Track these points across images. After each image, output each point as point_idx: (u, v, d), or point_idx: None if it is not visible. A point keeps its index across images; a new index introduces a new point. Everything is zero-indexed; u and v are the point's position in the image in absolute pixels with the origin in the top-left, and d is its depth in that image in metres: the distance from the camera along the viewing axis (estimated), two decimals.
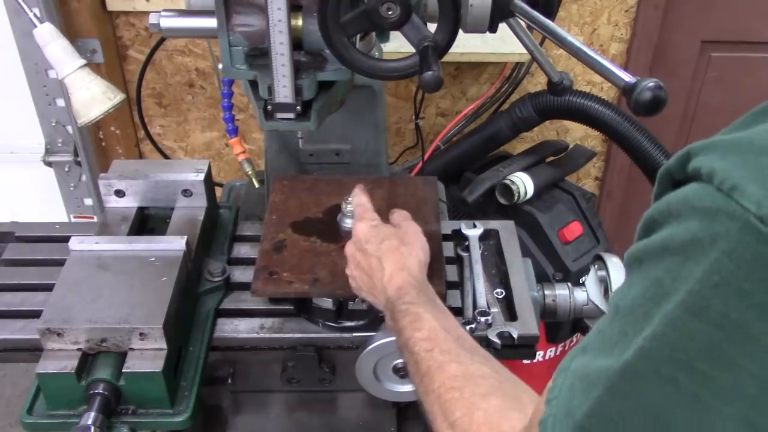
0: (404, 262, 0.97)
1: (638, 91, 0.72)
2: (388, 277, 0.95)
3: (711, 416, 0.50)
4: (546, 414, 0.59)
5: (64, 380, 0.93)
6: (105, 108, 1.12)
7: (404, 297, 0.92)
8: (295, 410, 1.20)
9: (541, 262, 1.91)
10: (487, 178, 1.98)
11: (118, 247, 1.06)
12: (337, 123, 1.23)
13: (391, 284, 0.94)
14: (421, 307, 0.89)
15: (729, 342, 0.48)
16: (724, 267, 0.47)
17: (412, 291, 0.93)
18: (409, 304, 0.90)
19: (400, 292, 0.93)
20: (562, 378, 0.60)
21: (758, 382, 0.48)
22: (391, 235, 1.01)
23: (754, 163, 0.48)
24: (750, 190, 0.46)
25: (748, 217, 0.46)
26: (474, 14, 0.90)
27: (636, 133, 1.95)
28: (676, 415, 0.51)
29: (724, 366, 0.48)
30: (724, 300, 0.48)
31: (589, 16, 2.22)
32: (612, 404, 0.54)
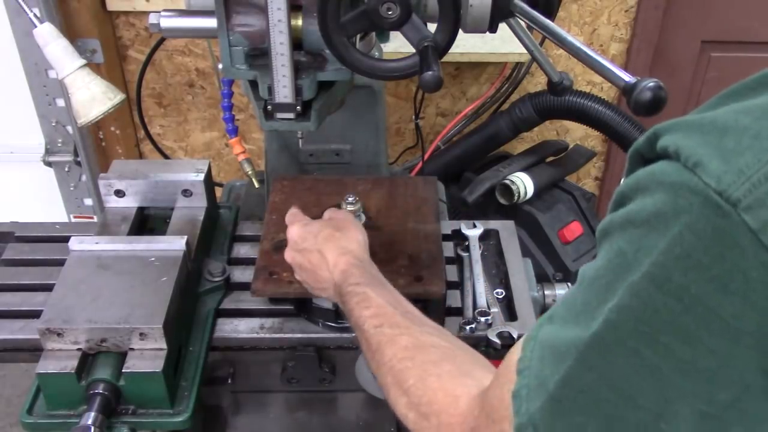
0: (344, 245, 0.97)
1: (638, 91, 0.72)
2: (332, 264, 0.95)
3: (672, 390, 0.51)
4: (519, 384, 0.59)
5: (64, 380, 0.93)
6: (105, 108, 1.12)
7: (349, 279, 0.92)
8: (295, 410, 1.20)
9: (541, 262, 1.91)
10: (487, 178, 1.98)
11: (118, 247, 1.06)
12: (337, 123, 1.23)
13: (337, 269, 0.95)
14: (367, 287, 0.90)
15: (688, 315, 0.49)
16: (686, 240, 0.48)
17: (356, 271, 0.93)
18: (354, 285, 0.91)
19: (345, 275, 0.93)
20: (531, 347, 0.60)
21: (716, 357, 0.49)
22: (325, 229, 1.01)
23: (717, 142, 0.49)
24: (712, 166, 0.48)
25: (709, 192, 0.47)
26: (474, 14, 0.90)
27: (636, 133, 1.95)
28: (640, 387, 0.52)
29: (684, 339, 0.49)
30: (684, 272, 0.49)
31: (589, 16, 2.22)
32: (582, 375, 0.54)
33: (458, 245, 1.24)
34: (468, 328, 1.07)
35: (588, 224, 1.99)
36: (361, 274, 0.93)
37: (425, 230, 1.16)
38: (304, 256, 0.99)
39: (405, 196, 1.24)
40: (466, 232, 1.24)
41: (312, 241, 0.99)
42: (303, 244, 1.00)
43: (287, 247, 1.03)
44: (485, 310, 1.09)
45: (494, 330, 1.06)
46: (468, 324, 1.07)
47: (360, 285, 0.91)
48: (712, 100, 0.58)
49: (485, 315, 1.08)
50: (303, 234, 1.01)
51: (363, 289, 0.90)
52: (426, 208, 1.21)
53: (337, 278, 0.94)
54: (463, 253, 1.22)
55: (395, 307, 0.86)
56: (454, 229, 1.25)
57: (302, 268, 1.01)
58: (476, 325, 1.07)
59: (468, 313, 1.10)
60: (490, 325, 1.07)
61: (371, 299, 0.88)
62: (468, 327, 1.07)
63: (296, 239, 1.01)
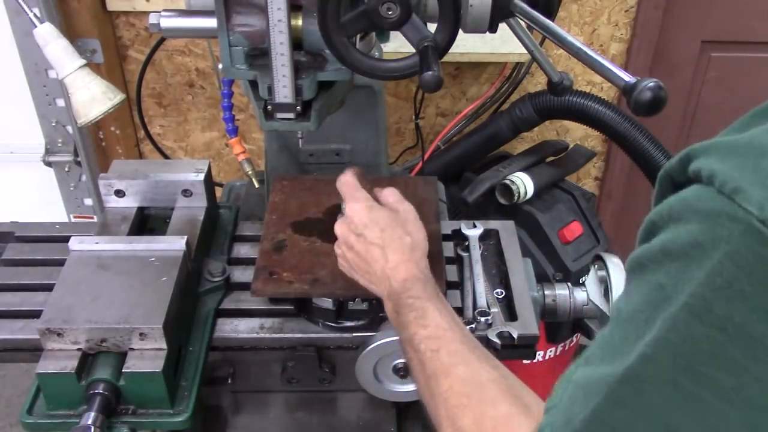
0: (410, 253, 0.94)
1: (638, 91, 0.72)
2: (392, 268, 0.92)
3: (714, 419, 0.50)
4: (544, 422, 0.58)
5: (64, 380, 0.93)
6: (105, 108, 1.12)
7: (410, 290, 0.89)
8: (295, 410, 1.20)
9: (541, 262, 1.91)
10: (487, 178, 1.98)
11: (118, 247, 1.06)
12: (337, 123, 1.23)
13: (397, 275, 0.91)
14: (427, 302, 0.87)
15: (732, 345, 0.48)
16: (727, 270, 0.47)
17: (417, 284, 0.90)
18: (415, 299, 0.88)
19: (406, 285, 0.90)
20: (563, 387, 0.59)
21: (761, 384, 0.48)
22: (392, 223, 0.96)
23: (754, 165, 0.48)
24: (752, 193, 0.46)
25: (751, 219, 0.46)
26: (474, 14, 0.90)
27: (636, 133, 1.95)
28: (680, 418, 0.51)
29: (727, 369, 0.49)
30: (727, 303, 0.48)
31: (589, 16, 2.22)
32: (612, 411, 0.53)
33: (458, 245, 1.24)
34: (468, 328, 1.06)
35: (588, 224, 1.99)
36: (422, 287, 0.90)
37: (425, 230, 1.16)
38: (361, 243, 0.96)
39: (405, 196, 1.23)
40: (466, 232, 1.24)
41: (376, 233, 0.95)
42: (363, 230, 0.95)
43: (341, 221, 0.99)
44: (485, 310, 1.09)
45: (494, 330, 1.06)
46: (468, 324, 1.07)
47: (421, 299, 0.87)
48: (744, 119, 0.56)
49: (485, 315, 1.08)
50: (365, 219, 0.96)
51: (423, 305, 0.86)
52: (426, 208, 1.21)
53: (395, 284, 0.91)
54: (463, 253, 1.22)
55: (453, 330, 0.83)
56: (454, 229, 1.25)
57: (352, 250, 0.97)
58: (476, 325, 1.07)
59: (468, 313, 1.10)
60: (490, 325, 1.07)
61: (430, 318, 0.85)
62: (468, 327, 1.06)
63: (356, 221, 0.96)
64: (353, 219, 0.97)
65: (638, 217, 0.58)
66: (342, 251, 0.99)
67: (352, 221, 0.97)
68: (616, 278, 1.10)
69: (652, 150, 1.94)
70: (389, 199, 1.02)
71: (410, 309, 0.87)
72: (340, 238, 0.99)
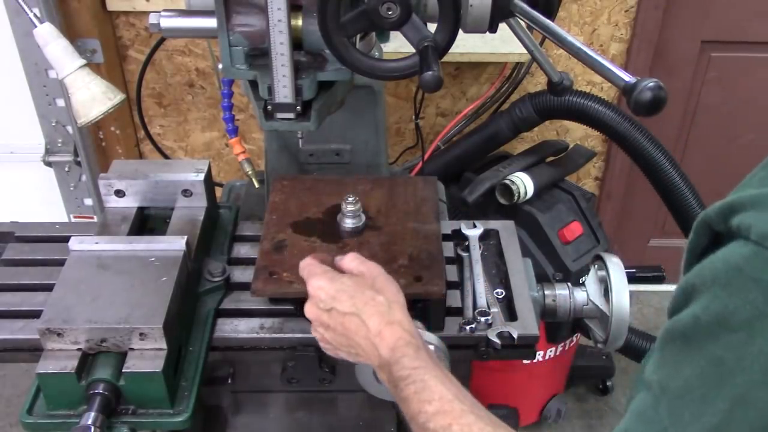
0: (389, 314, 0.87)
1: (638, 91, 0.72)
2: (375, 335, 0.85)
3: None
4: None
5: (64, 380, 0.93)
6: (105, 108, 1.12)
7: (402, 360, 0.82)
8: (295, 410, 1.20)
9: (541, 262, 1.91)
10: (487, 178, 1.98)
11: (118, 247, 1.06)
12: (337, 123, 1.23)
13: (384, 343, 0.84)
14: (425, 373, 0.79)
15: None
16: None
17: (409, 350, 0.83)
18: (410, 370, 0.81)
19: (396, 354, 0.83)
20: None
21: None
22: (360, 286, 0.90)
23: None
24: None
25: None
26: (474, 14, 0.90)
27: (636, 133, 1.95)
28: None
29: None
30: None
31: (589, 16, 2.22)
32: None
33: (458, 245, 1.24)
34: (468, 328, 1.07)
35: (588, 224, 1.99)
36: (415, 352, 0.83)
37: (425, 230, 1.16)
38: (334, 318, 0.89)
39: (405, 196, 1.24)
40: (466, 232, 1.24)
41: (347, 303, 0.88)
42: (333, 303, 0.89)
43: (309, 302, 0.93)
44: (485, 310, 1.09)
45: (494, 330, 1.06)
46: (468, 324, 1.07)
47: (417, 370, 0.80)
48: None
49: (485, 315, 1.08)
50: (332, 292, 0.89)
51: (421, 376, 0.79)
52: (426, 208, 1.21)
53: (384, 353, 0.84)
54: (463, 253, 1.22)
55: (461, 400, 0.77)
56: (454, 229, 1.25)
57: (329, 329, 0.91)
58: (476, 325, 1.07)
59: (468, 313, 1.10)
60: (490, 325, 1.07)
61: (433, 390, 0.78)
62: (468, 327, 1.07)
63: (324, 297, 0.90)
64: (319, 296, 0.91)
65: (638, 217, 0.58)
66: (320, 333, 0.93)
67: (319, 298, 0.91)
68: (615, 278, 1.10)
69: (652, 150, 1.94)
70: (351, 265, 0.95)
71: (407, 382, 0.80)
72: (314, 321, 0.93)
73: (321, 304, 0.91)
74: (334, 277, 0.92)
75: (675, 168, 1.96)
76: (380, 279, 0.92)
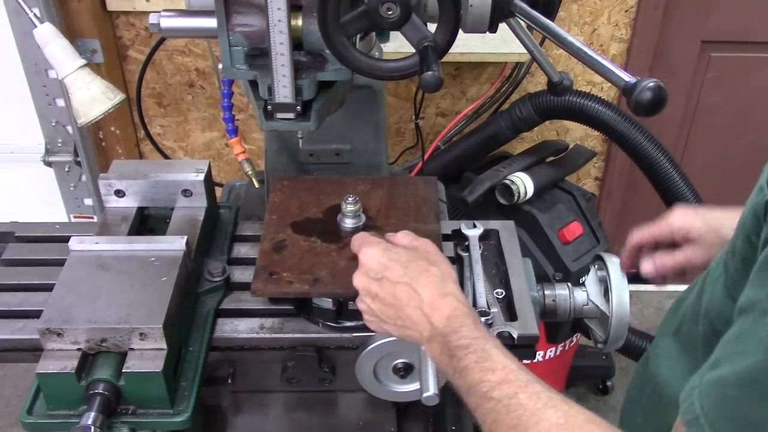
0: (443, 286, 0.86)
1: (638, 91, 0.72)
2: (429, 305, 0.84)
3: None
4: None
5: (64, 380, 0.93)
6: (105, 108, 1.12)
7: (460, 330, 0.80)
8: (295, 410, 1.20)
9: (541, 262, 1.91)
10: (487, 178, 1.98)
11: (118, 247, 1.06)
12: (337, 123, 1.23)
13: (438, 313, 0.83)
14: (486, 342, 0.78)
15: None
16: None
17: (467, 320, 0.81)
18: (471, 339, 0.79)
19: (452, 323, 0.81)
20: (697, 397, 0.59)
21: None
22: (414, 257, 0.89)
23: None
24: None
25: None
26: (474, 14, 0.90)
27: (636, 133, 1.95)
28: None
29: None
30: None
31: (589, 16, 2.22)
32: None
33: (458, 245, 1.23)
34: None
35: (588, 224, 1.99)
36: (474, 325, 0.81)
37: (425, 230, 1.16)
38: (385, 287, 0.88)
39: (405, 196, 1.24)
40: (466, 232, 1.24)
41: (399, 272, 0.87)
42: (385, 272, 0.88)
43: (358, 271, 0.91)
44: (485, 310, 1.09)
45: (494, 330, 1.06)
46: None
47: (478, 340, 0.78)
48: None
49: (485, 315, 1.07)
50: (384, 261, 0.88)
51: (483, 346, 0.77)
52: (426, 208, 1.21)
53: (438, 323, 0.83)
54: (463, 253, 1.22)
55: (525, 371, 0.75)
56: (454, 229, 1.25)
57: (380, 299, 0.88)
58: None
59: None
60: (490, 325, 1.07)
61: (495, 360, 0.76)
62: None
63: (373, 266, 0.89)
64: (371, 265, 0.90)
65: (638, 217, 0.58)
66: (366, 304, 0.91)
67: (370, 267, 0.90)
68: (615, 278, 1.10)
69: (652, 150, 1.94)
70: (404, 240, 0.95)
71: (468, 351, 0.78)
72: (361, 290, 0.91)
73: (371, 273, 0.89)
74: (388, 247, 0.92)
75: (675, 168, 1.96)
76: (434, 253, 0.92)
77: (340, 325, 1.08)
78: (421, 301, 0.85)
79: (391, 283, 0.88)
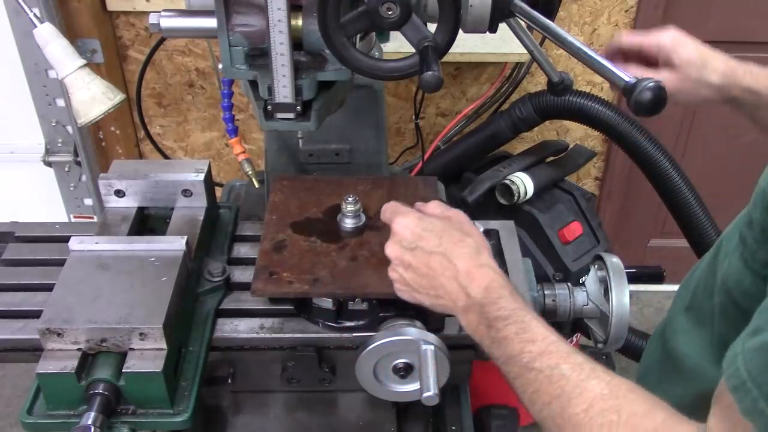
0: (478, 257, 0.85)
1: (638, 91, 0.72)
2: (465, 275, 0.83)
3: None
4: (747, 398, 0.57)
5: (64, 380, 0.93)
6: (105, 108, 1.12)
7: (499, 301, 0.80)
8: (295, 410, 1.20)
9: (541, 262, 1.91)
10: (487, 178, 1.98)
11: (118, 247, 1.06)
12: (337, 123, 1.23)
13: (474, 284, 0.83)
14: (526, 314, 0.78)
15: None
16: None
17: (505, 292, 0.81)
18: (510, 310, 0.79)
19: (490, 294, 0.81)
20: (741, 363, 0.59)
21: None
22: (448, 228, 0.88)
23: None
24: None
25: None
26: (474, 14, 0.90)
27: (636, 133, 1.95)
28: None
29: None
30: None
31: (589, 16, 2.22)
32: None
33: None
34: None
35: (588, 224, 1.99)
36: (512, 296, 0.80)
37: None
38: (418, 257, 0.87)
39: (405, 196, 1.24)
40: None
41: (434, 242, 0.86)
42: (419, 242, 0.87)
43: (391, 240, 0.90)
44: None
45: None
46: None
47: (517, 311, 0.78)
48: None
49: None
50: (418, 231, 0.87)
51: (523, 317, 0.77)
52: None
53: (475, 293, 0.82)
54: None
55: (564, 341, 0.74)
56: None
57: (413, 269, 0.88)
58: None
59: None
60: None
61: (535, 331, 0.76)
62: None
63: (407, 236, 0.88)
64: (404, 234, 0.89)
65: (638, 217, 0.58)
66: (398, 273, 0.91)
67: (403, 237, 0.89)
68: (615, 278, 1.10)
69: (652, 150, 1.94)
70: (436, 211, 0.94)
71: (508, 322, 0.78)
72: (394, 260, 0.90)
73: (405, 242, 0.89)
74: (422, 217, 0.91)
75: (675, 168, 1.96)
76: (467, 224, 0.91)
77: (340, 325, 1.08)
78: (457, 271, 0.84)
79: (425, 252, 0.87)
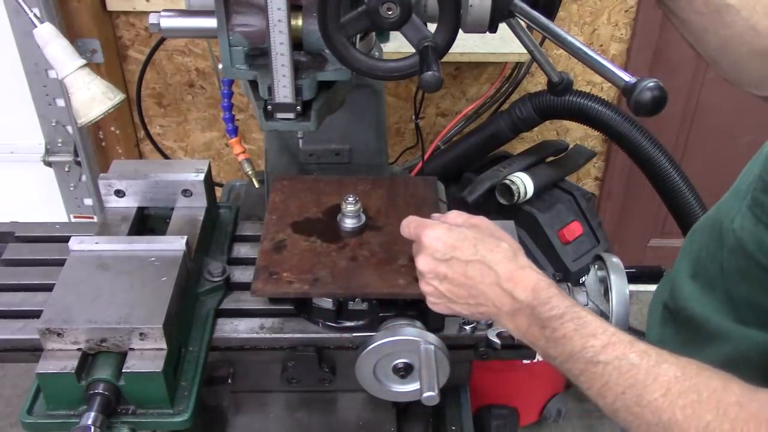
0: (516, 260, 0.84)
1: (638, 91, 0.72)
2: (508, 279, 0.83)
3: None
4: None
5: (64, 380, 0.93)
6: (105, 108, 1.12)
7: (550, 301, 0.80)
8: (295, 410, 1.20)
9: (541, 262, 1.91)
10: (487, 178, 1.98)
11: (118, 247, 1.06)
12: (337, 123, 1.23)
13: (520, 287, 0.82)
14: (580, 309, 0.77)
15: None
16: None
17: (553, 291, 0.80)
18: (565, 308, 0.78)
19: (540, 295, 0.80)
20: None
21: None
22: (480, 235, 0.87)
23: None
24: None
25: None
26: (474, 14, 0.90)
27: (636, 133, 1.95)
28: None
29: None
30: None
31: (589, 16, 2.22)
32: None
33: None
34: (468, 328, 1.07)
35: (588, 224, 1.99)
36: (561, 294, 0.80)
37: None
38: (454, 267, 0.86)
39: (405, 196, 1.24)
40: None
41: (470, 250, 0.85)
42: (454, 252, 0.86)
43: (423, 253, 0.89)
44: None
45: (494, 330, 1.06)
46: (468, 324, 1.07)
47: (572, 308, 0.78)
48: None
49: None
50: (451, 241, 0.86)
51: (578, 313, 0.77)
52: (426, 208, 1.21)
53: (522, 296, 0.81)
54: None
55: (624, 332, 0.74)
56: None
57: (450, 280, 0.87)
58: (476, 325, 1.07)
59: None
60: (490, 325, 1.07)
61: (594, 325, 0.75)
62: (468, 327, 1.07)
63: (442, 248, 0.87)
64: (436, 246, 0.87)
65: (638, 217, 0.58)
66: (433, 286, 0.89)
67: (435, 249, 0.88)
68: (615, 278, 1.10)
69: (652, 150, 1.94)
70: (458, 220, 0.93)
71: (565, 320, 0.77)
72: (428, 273, 0.89)
73: (438, 254, 0.87)
74: (451, 227, 0.90)
75: (675, 168, 1.96)
76: (497, 229, 0.91)
77: (340, 325, 1.08)
78: (498, 276, 0.84)
79: (461, 262, 0.86)
